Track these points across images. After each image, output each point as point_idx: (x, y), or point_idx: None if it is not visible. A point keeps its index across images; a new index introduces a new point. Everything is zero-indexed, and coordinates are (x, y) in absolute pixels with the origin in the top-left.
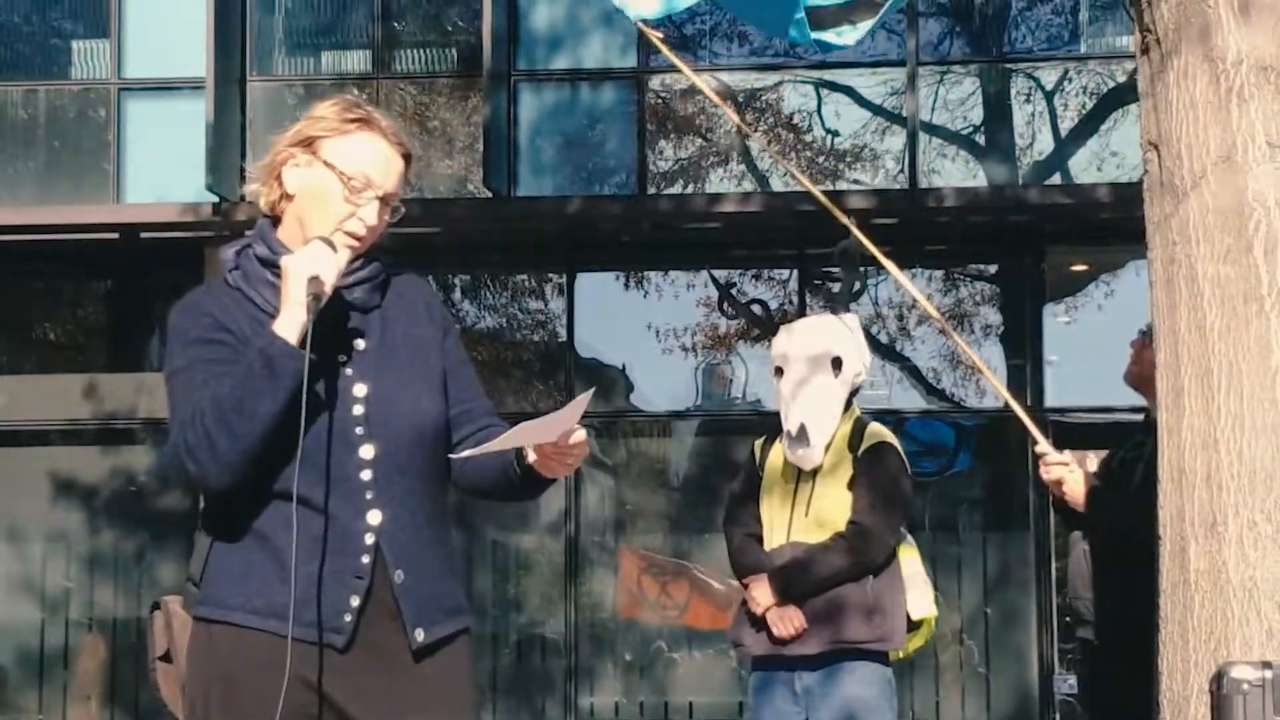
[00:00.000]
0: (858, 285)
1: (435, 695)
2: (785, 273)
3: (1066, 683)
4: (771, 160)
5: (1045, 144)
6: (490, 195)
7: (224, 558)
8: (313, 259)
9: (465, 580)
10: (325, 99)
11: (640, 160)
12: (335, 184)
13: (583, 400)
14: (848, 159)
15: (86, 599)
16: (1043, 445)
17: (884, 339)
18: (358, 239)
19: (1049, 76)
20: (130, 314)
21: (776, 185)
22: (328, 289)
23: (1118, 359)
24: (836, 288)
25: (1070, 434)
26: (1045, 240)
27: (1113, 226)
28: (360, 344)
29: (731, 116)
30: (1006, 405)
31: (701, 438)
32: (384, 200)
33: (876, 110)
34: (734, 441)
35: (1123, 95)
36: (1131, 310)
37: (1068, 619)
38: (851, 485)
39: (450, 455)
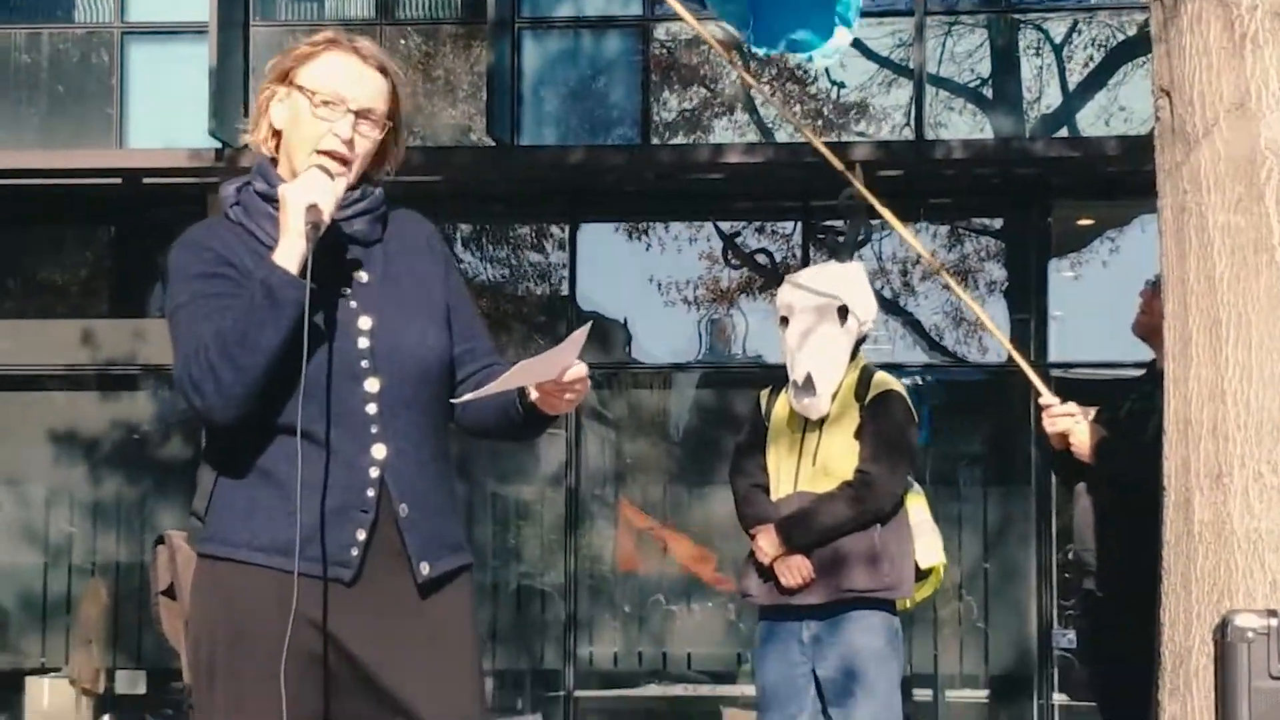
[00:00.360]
0: (862, 235)
1: (439, 630)
2: (790, 225)
3: (1065, 637)
4: (777, 111)
5: (1053, 97)
6: (493, 144)
7: (228, 493)
8: (309, 187)
9: (466, 529)
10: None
11: (644, 110)
12: (307, 104)
13: (580, 335)
14: (853, 111)
15: (88, 544)
16: (1047, 397)
17: (888, 293)
18: (339, 158)
19: (1057, 28)
20: (132, 259)
21: (781, 136)
22: (326, 217)
23: (1123, 314)
24: (841, 238)
25: (1073, 389)
26: (1052, 194)
27: (1120, 181)
28: (363, 276)
29: (735, 67)
30: (1009, 360)
31: (703, 390)
32: (363, 115)
33: (883, 62)
34: (736, 394)
35: (1132, 48)
36: (1137, 265)
37: (1067, 574)
38: (858, 434)
39: (451, 400)
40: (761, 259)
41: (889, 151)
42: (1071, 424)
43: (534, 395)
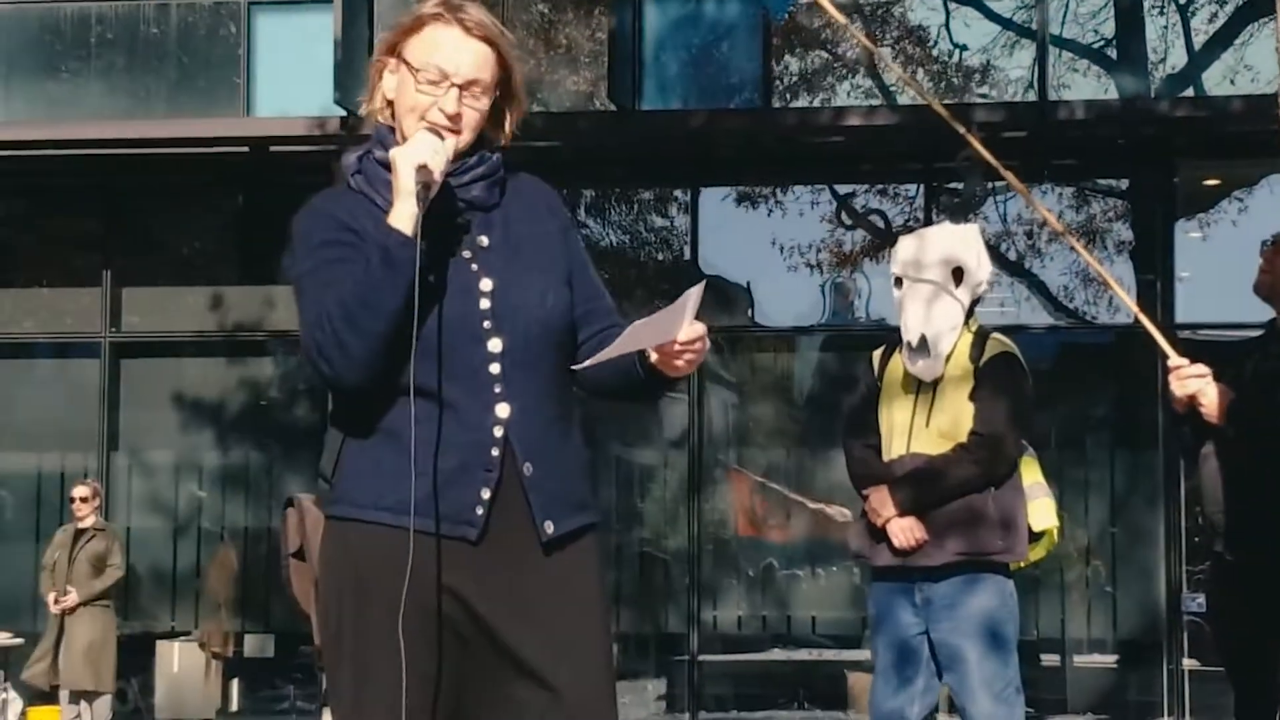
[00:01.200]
0: (979, 196)
1: (564, 588)
2: (912, 188)
3: (1195, 602)
4: (896, 74)
5: (1178, 57)
6: (615, 109)
7: (355, 455)
8: (419, 148)
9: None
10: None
11: (765, 74)
12: (411, 78)
13: (695, 294)
14: (975, 73)
15: (217, 510)
16: (1175, 358)
17: (1012, 255)
18: (447, 129)
19: None
20: (259, 227)
21: (903, 99)
22: (437, 176)
23: (1249, 275)
24: (957, 200)
25: (1200, 350)
26: (1177, 154)
27: (1246, 140)
28: (484, 240)
29: (854, 33)
30: (1136, 321)
31: (826, 353)
32: (468, 87)
33: (1005, 24)
34: (859, 357)
35: (1257, 6)
36: (1264, 225)
37: (1196, 538)
38: (973, 396)
39: (572, 368)
40: (877, 220)
41: (1012, 113)
42: (1202, 384)
43: (654, 357)
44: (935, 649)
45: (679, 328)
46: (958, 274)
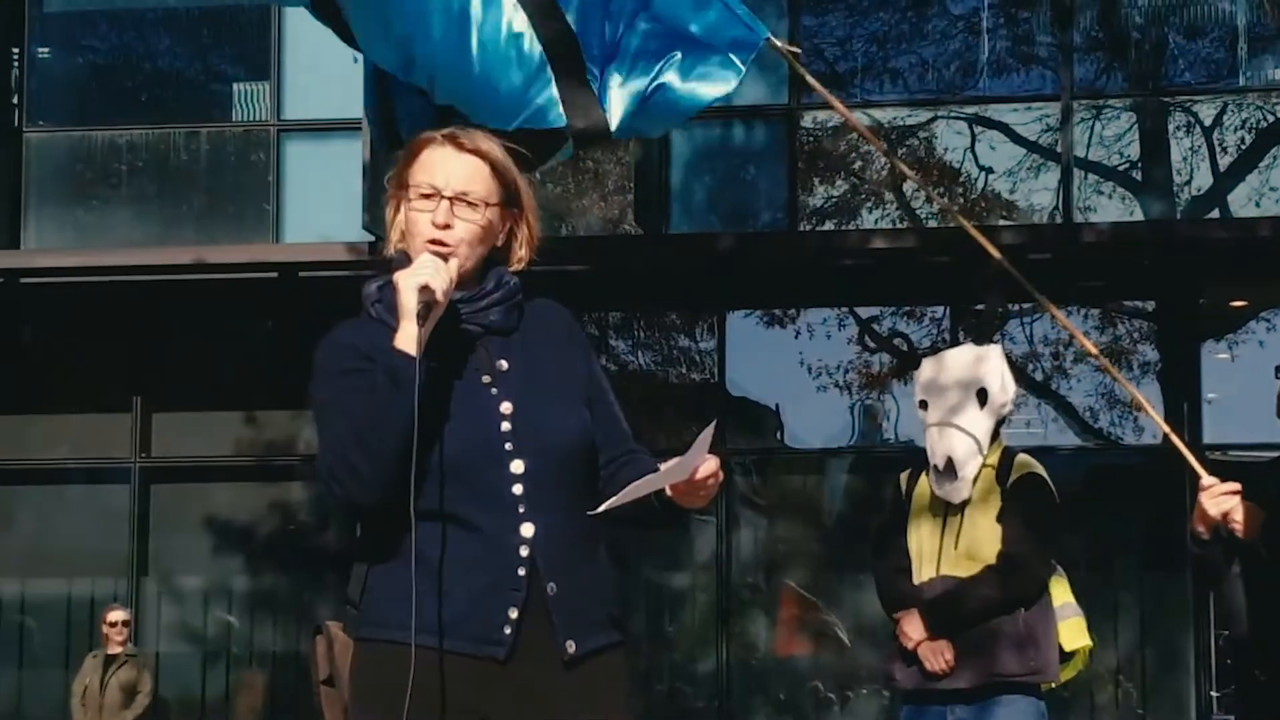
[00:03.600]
0: (1002, 316)
1: (588, 707)
2: (938, 310)
3: None
4: (924, 197)
5: (1203, 179)
6: (641, 233)
7: (382, 579)
8: (420, 270)
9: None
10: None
11: (792, 197)
12: (407, 199)
13: (707, 436)
14: (1001, 196)
15: (247, 634)
16: (1207, 478)
17: (1039, 376)
18: (442, 244)
19: (1206, 110)
20: (289, 351)
21: (930, 223)
22: (440, 296)
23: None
24: (978, 321)
25: (1228, 472)
26: (1203, 276)
27: (1272, 261)
28: (503, 364)
29: (884, 153)
30: (1163, 442)
31: (855, 475)
32: (459, 199)
33: (1030, 146)
34: (888, 478)
35: None
36: None
37: (1228, 660)
38: (1001, 517)
39: (589, 514)
40: (900, 343)
41: (1037, 235)
42: (1235, 503)
43: (669, 491)
44: None
45: (694, 467)
46: (981, 395)
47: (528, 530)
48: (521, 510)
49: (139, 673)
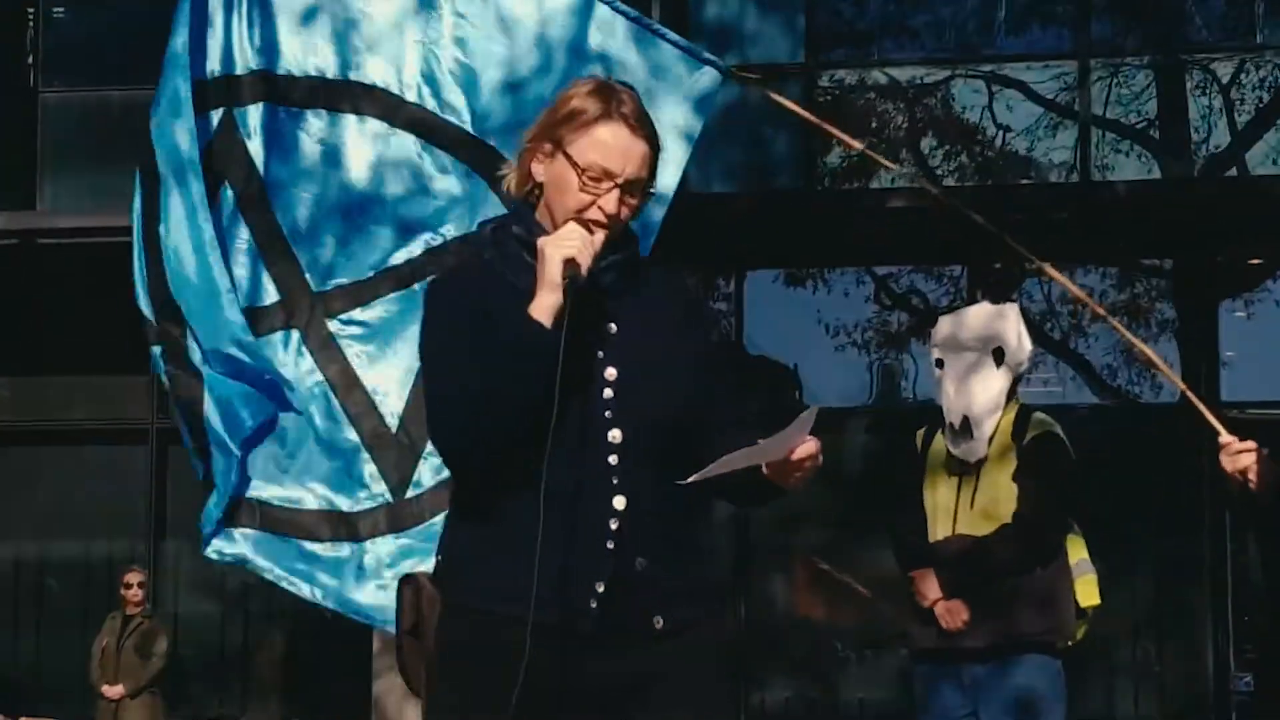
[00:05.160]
0: (1020, 274)
1: (676, 682)
2: (955, 269)
3: (1243, 681)
4: (942, 157)
5: (1220, 137)
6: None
7: (470, 539)
8: (568, 241)
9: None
10: (570, 85)
11: (809, 157)
12: (574, 176)
13: (808, 416)
14: (1018, 155)
15: (264, 595)
16: (1225, 435)
17: (1056, 335)
18: (602, 226)
19: (1224, 69)
20: None
21: (948, 182)
22: (583, 271)
23: None
24: (995, 281)
25: (1246, 430)
26: (1221, 235)
27: None
28: (613, 328)
29: (870, 154)
30: (1181, 400)
31: (871, 434)
32: (625, 187)
33: (1048, 105)
34: (904, 437)
35: None
36: None
37: (1246, 617)
38: (1016, 476)
39: (677, 482)
40: (916, 301)
41: (1055, 194)
42: (1252, 460)
43: (765, 469)
44: None
45: (791, 446)
46: (998, 353)
47: (619, 503)
48: (615, 482)
49: (156, 634)
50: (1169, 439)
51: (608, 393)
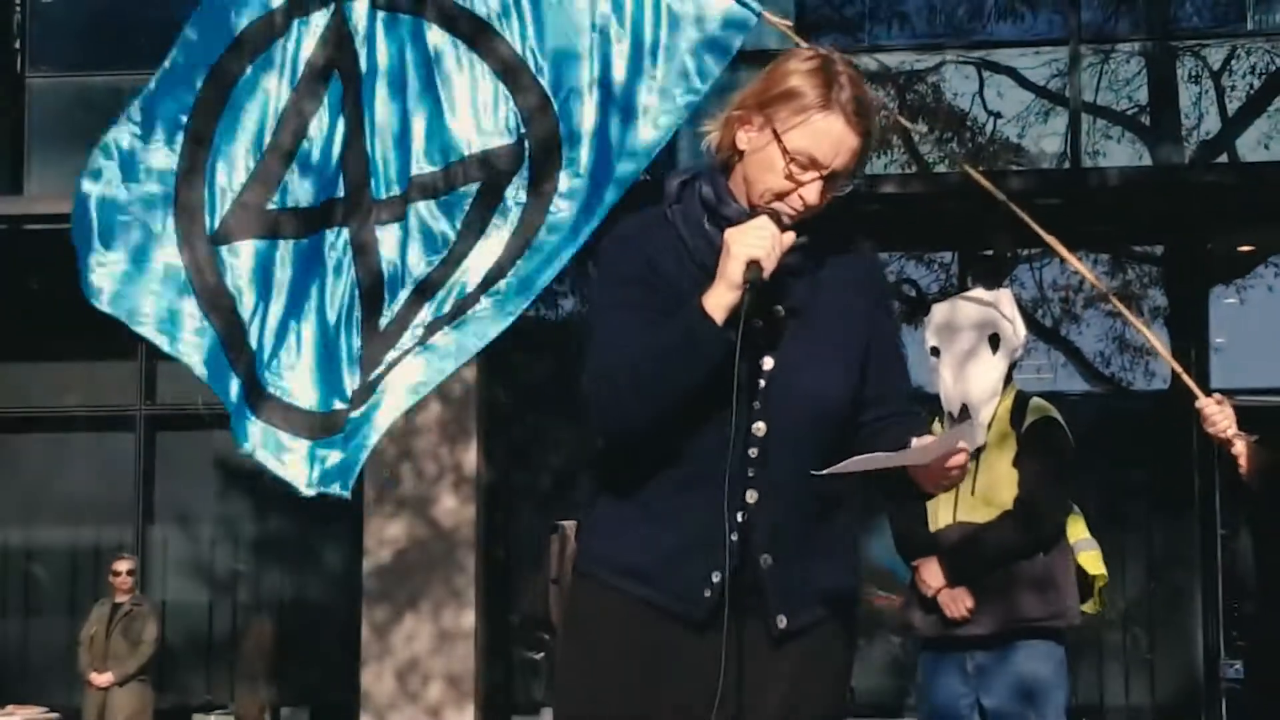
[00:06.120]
0: (1013, 261)
1: (796, 685)
2: (947, 255)
3: (1233, 667)
4: (932, 143)
5: (1212, 124)
6: (648, 178)
7: (605, 508)
8: (757, 241)
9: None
10: (791, 55)
11: None
12: (779, 158)
13: (966, 430)
14: (1009, 141)
15: (253, 581)
16: (1202, 399)
17: (1048, 321)
18: (795, 214)
19: (1215, 55)
20: None
21: (939, 168)
22: (766, 275)
23: None
24: (989, 267)
25: (1237, 417)
26: (1212, 221)
27: None
28: (780, 310)
29: (890, 114)
30: (1172, 386)
31: None
32: (829, 178)
33: (1039, 91)
34: None
35: None
36: None
37: (1235, 604)
38: (1016, 462)
39: (813, 473)
40: (908, 289)
41: (1045, 181)
42: (1228, 425)
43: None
44: (986, 716)
45: (942, 455)
46: (994, 340)
47: (751, 496)
48: (750, 474)
49: (144, 622)
50: (1160, 426)
51: (760, 382)
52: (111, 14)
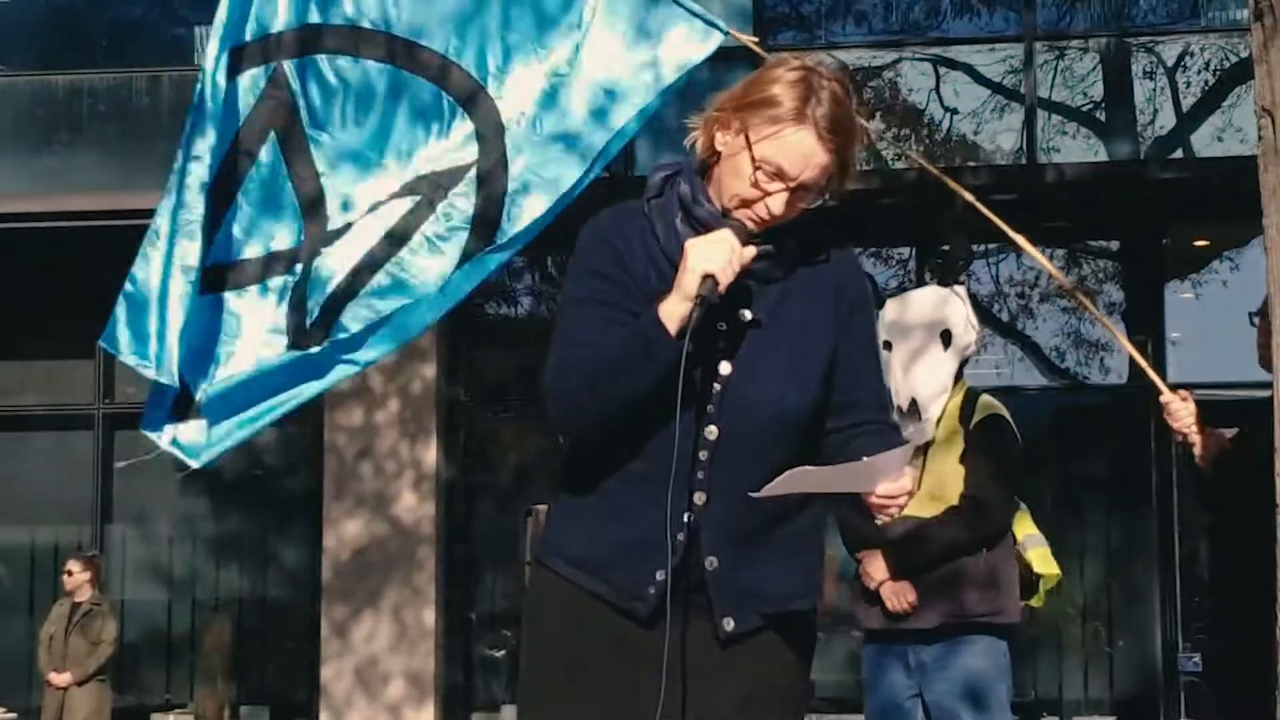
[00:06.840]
0: (964, 257)
1: (743, 688)
2: (904, 251)
3: (1191, 661)
4: (888, 140)
5: (1166, 119)
6: (607, 175)
7: (566, 499)
8: (714, 254)
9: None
10: (778, 64)
11: None
12: (748, 165)
13: (905, 452)
14: (965, 137)
15: (212, 580)
16: (1166, 394)
17: (1004, 316)
18: (760, 222)
19: (1169, 51)
20: None
21: (896, 164)
22: (721, 289)
23: (1241, 335)
24: (942, 262)
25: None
26: (1167, 216)
27: (1235, 201)
28: (745, 315)
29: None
30: (1130, 381)
31: None
32: (799, 190)
33: (994, 87)
34: None
35: (1245, 68)
36: (1255, 285)
37: (1196, 598)
38: (963, 459)
39: (749, 494)
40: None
41: (1001, 176)
42: (1190, 421)
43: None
44: (929, 711)
45: (879, 479)
46: (945, 336)
47: (698, 498)
48: (700, 477)
49: (103, 621)
50: (1117, 420)
51: (715, 387)
52: (69, 13)
